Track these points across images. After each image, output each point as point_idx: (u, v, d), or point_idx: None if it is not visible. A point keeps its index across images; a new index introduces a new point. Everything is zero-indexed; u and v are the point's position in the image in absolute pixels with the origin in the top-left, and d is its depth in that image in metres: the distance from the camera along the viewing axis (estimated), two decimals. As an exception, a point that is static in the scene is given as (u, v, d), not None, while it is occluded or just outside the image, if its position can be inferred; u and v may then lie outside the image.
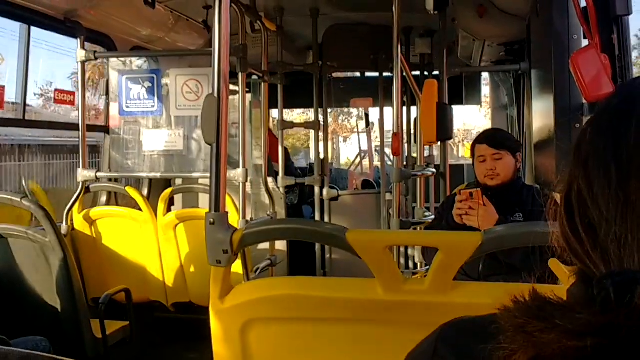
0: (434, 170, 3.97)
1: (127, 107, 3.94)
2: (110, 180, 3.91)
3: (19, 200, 2.92)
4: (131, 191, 3.67)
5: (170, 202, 3.93)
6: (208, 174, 3.59)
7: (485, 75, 6.34)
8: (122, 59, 4.05)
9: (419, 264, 4.34)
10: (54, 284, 2.85)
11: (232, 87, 3.30)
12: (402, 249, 4.20)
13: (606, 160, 0.53)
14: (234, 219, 3.34)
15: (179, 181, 4.24)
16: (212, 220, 1.73)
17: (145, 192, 4.30)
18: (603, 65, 1.57)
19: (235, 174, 3.49)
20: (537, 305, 0.49)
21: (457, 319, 0.64)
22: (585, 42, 1.83)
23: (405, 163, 4.39)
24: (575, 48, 2.14)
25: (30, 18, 3.34)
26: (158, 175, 4.05)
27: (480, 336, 0.52)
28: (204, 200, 4.22)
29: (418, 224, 3.64)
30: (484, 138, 2.74)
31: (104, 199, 4.12)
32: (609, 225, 0.51)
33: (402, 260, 4.41)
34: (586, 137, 0.56)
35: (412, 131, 4.96)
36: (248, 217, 3.66)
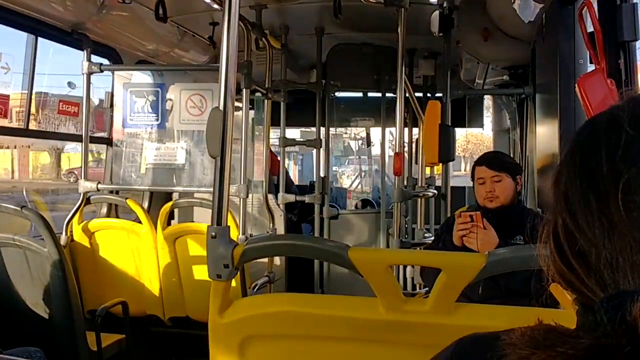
0: (435, 191, 3.98)
1: (131, 119, 3.95)
2: (111, 192, 3.90)
3: (19, 209, 2.91)
4: (131, 204, 3.66)
5: (171, 216, 3.92)
6: (207, 188, 3.62)
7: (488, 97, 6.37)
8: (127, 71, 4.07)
9: (417, 286, 4.32)
10: (51, 294, 2.82)
11: (235, 103, 3.31)
12: (400, 270, 4.19)
13: (584, 193, 0.56)
14: (234, 235, 3.33)
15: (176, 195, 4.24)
16: (214, 234, 1.72)
17: (145, 204, 4.29)
18: (610, 90, 1.58)
19: (237, 189, 3.50)
20: (542, 335, 0.50)
21: (472, 334, 0.65)
22: (590, 67, 1.84)
23: (406, 183, 4.39)
24: (580, 72, 2.15)
25: (38, 29, 3.36)
26: (153, 188, 4.05)
27: (495, 352, 0.52)
28: (199, 213, 4.21)
29: (418, 244, 3.64)
30: (484, 160, 2.73)
31: (104, 210, 4.11)
32: (598, 250, 0.54)
33: (401, 282, 4.39)
34: (562, 172, 0.60)
35: (414, 152, 4.97)
36: (248, 233, 3.65)
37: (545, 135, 3.03)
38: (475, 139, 30.91)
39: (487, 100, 6.64)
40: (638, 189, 0.53)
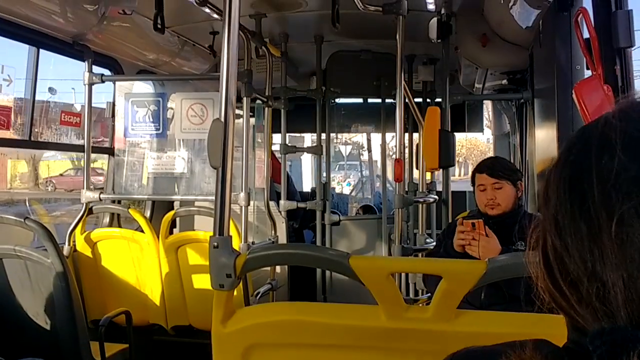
0: (435, 196, 3.99)
1: (133, 129, 3.96)
2: (113, 201, 3.92)
3: (22, 220, 2.92)
4: (134, 213, 3.68)
5: (173, 225, 3.93)
6: (209, 197, 3.63)
7: (487, 102, 6.38)
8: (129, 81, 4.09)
9: (420, 292, 4.32)
10: (54, 304, 2.83)
11: (236, 111, 3.33)
12: (403, 276, 4.19)
13: (575, 219, 0.54)
14: (236, 243, 3.34)
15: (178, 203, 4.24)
16: (216, 243, 1.73)
17: (147, 213, 4.30)
18: (606, 96, 1.59)
19: (238, 198, 3.51)
20: None
21: (466, 348, 0.65)
22: (587, 73, 1.85)
23: (406, 189, 4.40)
24: (578, 78, 2.16)
25: (39, 41, 3.38)
26: (155, 197, 4.06)
27: None
28: (200, 222, 4.22)
29: (420, 250, 3.64)
30: (484, 167, 2.72)
31: (106, 220, 4.12)
32: (590, 281, 0.52)
33: (403, 288, 4.39)
34: (552, 191, 0.58)
35: (414, 157, 4.98)
36: (249, 241, 3.66)
37: (543, 140, 3.04)
38: (469, 143, 30.74)
39: (486, 106, 6.64)
40: (631, 222, 0.50)
